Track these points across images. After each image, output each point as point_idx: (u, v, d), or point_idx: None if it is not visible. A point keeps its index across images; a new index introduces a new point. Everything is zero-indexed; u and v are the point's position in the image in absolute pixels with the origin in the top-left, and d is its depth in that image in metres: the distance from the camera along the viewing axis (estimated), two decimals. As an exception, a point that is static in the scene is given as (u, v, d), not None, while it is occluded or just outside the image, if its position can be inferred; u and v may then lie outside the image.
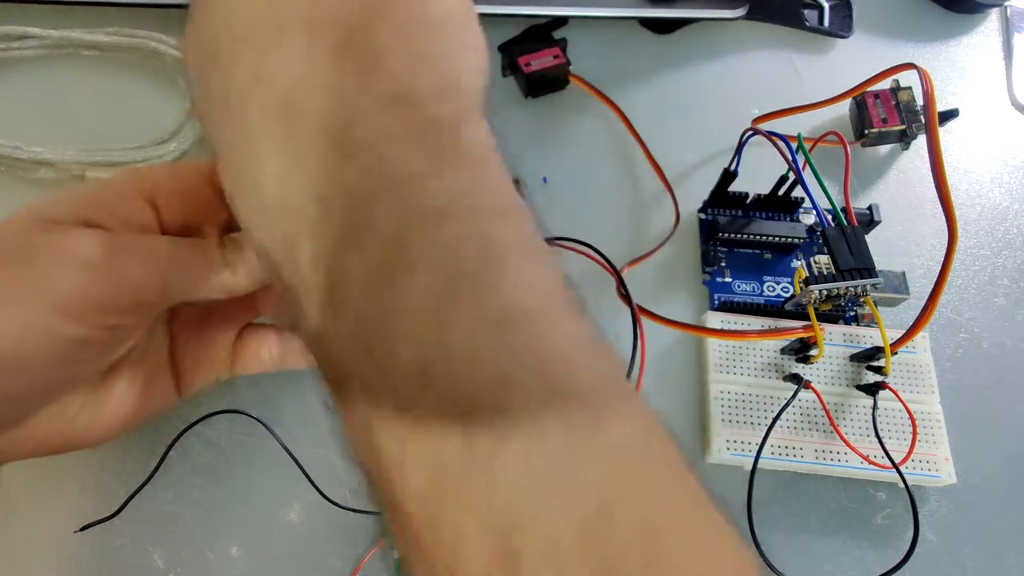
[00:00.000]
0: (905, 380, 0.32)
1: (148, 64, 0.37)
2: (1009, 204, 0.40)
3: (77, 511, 0.27)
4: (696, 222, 0.36)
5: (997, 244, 0.38)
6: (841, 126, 0.40)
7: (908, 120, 0.38)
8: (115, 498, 0.28)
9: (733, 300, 0.34)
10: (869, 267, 0.29)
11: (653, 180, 0.37)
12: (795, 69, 0.42)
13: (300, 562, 0.28)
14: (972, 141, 0.41)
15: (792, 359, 0.32)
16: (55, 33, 0.36)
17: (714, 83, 0.41)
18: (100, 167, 0.33)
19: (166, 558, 0.27)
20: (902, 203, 0.39)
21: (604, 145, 0.38)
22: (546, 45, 0.38)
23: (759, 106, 0.39)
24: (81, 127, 0.35)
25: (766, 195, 0.35)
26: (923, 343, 0.33)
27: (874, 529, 0.31)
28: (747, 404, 0.31)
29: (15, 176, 0.33)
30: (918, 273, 0.36)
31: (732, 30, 0.42)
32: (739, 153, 0.34)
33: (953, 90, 0.43)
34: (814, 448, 0.31)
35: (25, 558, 0.27)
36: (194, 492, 0.28)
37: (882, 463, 0.30)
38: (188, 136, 0.34)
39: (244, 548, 0.28)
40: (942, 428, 0.31)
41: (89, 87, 0.36)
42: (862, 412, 0.31)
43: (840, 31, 0.43)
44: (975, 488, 0.32)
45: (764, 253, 0.35)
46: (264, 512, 0.28)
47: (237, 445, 0.29)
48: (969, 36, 0.45)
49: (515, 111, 0.39)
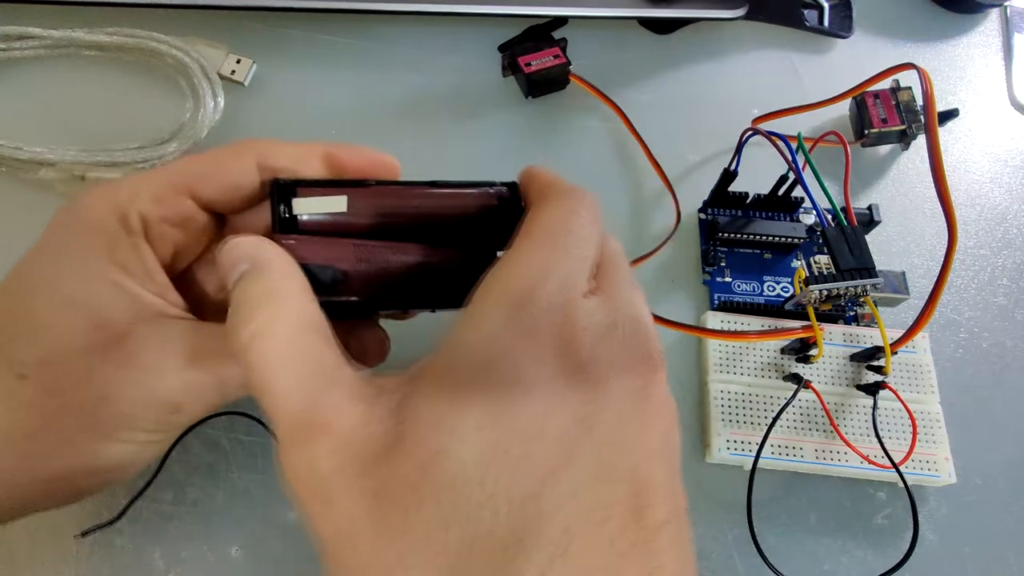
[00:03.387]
0: (905, 380, 0.32)
1: (148, 64, 0.37)
2: (1009, 204, 0.40)
3: (77, 513, 0.27)
4: (696, 222, 0.36)
5: (997, 244, 0.38)
6: (841, 126, 0.40)
7: (908, 120, 0.38)
8: (115, 498, 0.28)
9: (733, 300, 0.34)
10: (869, 267, 0.29)
11: (653, 180, 0.37)
12: (795, 69, 0.42)
13: (300, 562, 0.28)
14: (972, 141, 0.41)
15: (792, 359, 0.32)
16: (55, 33, 0.36)
17: (714, 83, 0.41)
18: (101, 167, 0.33)
19: (166, 558, 0.27)
20: (902, 203, 0.39)
21: (604, 145, 0.38)
22: (546, 45, 0.38)
23: (759, 106, 0.39)
24: (81, 127, 0.35)
25: (766, 195, 0.35)
26: (923, 343, 0.33)
27: (874, 529, 0.31)
28: (747, 404, 0.31)
29: (16, 176, 0.33)
30: (918, 273, 0.36)
31: (732, 30, 0.42)
32: (739, 153, 0.34)
33: (953, 90, 0.43)
34: (814, 448, 0.31)
35: (24, 559, 0.27)
36: (194, 492, 0.29)
37: (882, 463, 0.30)
38: (188, 136, 0.34)
39: (244, 548, 0.28)
40: (942, 428, 0.31)
41: (89, 87, 0.36)
42: (862, 412, 0.31)
43: (840, 31, 0.43)
44: (975, 488, 0.32)
45: (764, 253, 0.35)
46: (264, 512, 0.28)
47: (237, 445, 0.29)
48: (969, 36, 0.45)
49: (515, 111, 0.39)
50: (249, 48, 0.37)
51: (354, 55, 0.39)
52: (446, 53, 0.40)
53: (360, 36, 0.40)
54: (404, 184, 0.23)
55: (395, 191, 0.23)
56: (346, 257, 0.22)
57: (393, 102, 0.38)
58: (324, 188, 0.22)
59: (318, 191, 0.22)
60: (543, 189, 0.22)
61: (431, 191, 0.23)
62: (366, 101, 0.38)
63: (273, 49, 0.38)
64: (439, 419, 0.17)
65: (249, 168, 0.23)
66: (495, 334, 0.18)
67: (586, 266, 0.20)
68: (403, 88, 0.39)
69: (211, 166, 0.23)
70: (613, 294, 0.20)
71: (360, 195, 0.22)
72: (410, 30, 0.40)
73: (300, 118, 0.37)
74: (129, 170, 0.33)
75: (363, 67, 0.39)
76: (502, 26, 0.39)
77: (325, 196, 0.22)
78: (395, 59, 0.39)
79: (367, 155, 0.23)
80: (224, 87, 0.36)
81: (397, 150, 0.37)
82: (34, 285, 0.21)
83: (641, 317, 0.20)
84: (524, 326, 0.18)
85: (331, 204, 0.22)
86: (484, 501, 0.16)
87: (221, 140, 0.36)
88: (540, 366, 0.18)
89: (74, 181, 0.33)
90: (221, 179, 0.23)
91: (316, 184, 0.22)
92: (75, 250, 0.22)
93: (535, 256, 0.19)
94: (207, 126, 0.35)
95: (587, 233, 0.21)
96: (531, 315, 0.18)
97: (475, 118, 0.38)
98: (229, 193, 0.23)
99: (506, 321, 0.18)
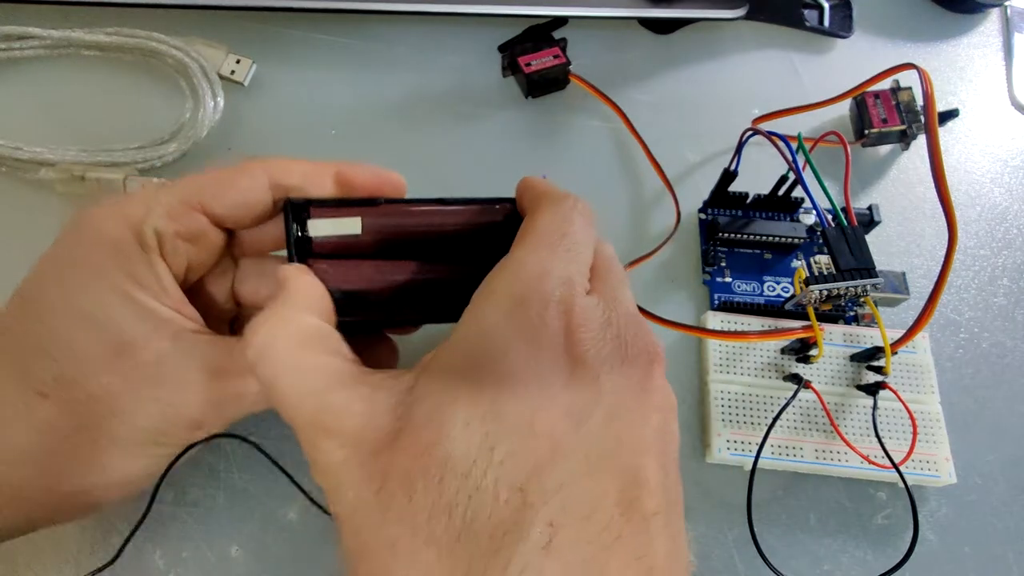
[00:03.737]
0: (905, 380, 0.32)
1: (148, 64, 0.37)
2: (1009, 204, 0.40)
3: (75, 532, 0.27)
4: (696, 222, 0.36)
5: (997, 244, 0.38)
6: (841, 126, 0.40)
7: (908, 120, 0.38)
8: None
9: (733, 300, 0.34)
10: (869, 267, 0.29)
11: (653, 180, 0.37)
12: (795, 69, 0.42)
13: (300, 562, 0.28)
14: (972, 141, 0.41)
15: (792, 359, 0.32)
16: (55, 33, 0.36)
17: (714, 83, 0.41)
18: (100, 167, 0.33)
19: (166, 558, 0.27)
20: (902, 203, 0.39)
21: (604, 145, 0.38)
22: (546, 45, 0.38)
23: (759, 106, 0.39)
24: (81, 127, 0.35)
25: (766, 195, 0.35)
26: (923, 343, 0.33)
27: (874, 529, 0.31)
28: (747, 404, 0.31)
29: (16, 176, 0.33)
30: (918, 273, 0.36)
31: (732, 30, 0.42)
32: (739, 153, 0.34)
33: (953, 90, 0.43)
34: (814, 448, 0.31)
35: (25, 560, 0.27)
36: (194, 492, 0.29)
37: (882, 463, 0.30)
38: (188, 136, 0.34)
39: (244, 548, 0.28)
40: (942, 428, 0.31)
41: (89, 87, 0.36)
42: (862, 412, 0.31)
43: (840, 31, 0.43)
44: (975, 488, 0.32)
45: (764, 253, 0.35)
46: (264, 512, 0.28)
47: (237, 445, 0.29)
48: (969, 36, 0.45)
49: (515, 111, 0.39)
50: (249, 48, 0.37)
51: (354, 55, 0.39)
52: (446, 53, 0.40)
53: (360, 36, 0.40)
54: (412, 202, 0.24)
55: (403, 209, 0.24)
56: (369, 279, 0.23)
57: (393, 102, 0.38)
58: (335, 208, 0.23)
59: (330, 211, 0.23)
60: (538, 197, 0.23)
61: (438, 208, 0.24)
62: (366, 101, 0.38)
63: (273, 49, 0.38)
64: (433, 413, 0.18)
65: (261, 186, 0.23)
66: (493, 330, 0.19)
67: (583, 268, 0.21)
68: (403, 88, 0.39)
69: (223, 183, 0.23)
70: (608, 294, 0.21)
71: (371, 214, 0.23)
72: (410, 30, 0.40)
73: (300, 118, 0.37)
74: (129, 170, 0.33)
75: (363, 67, 0.39)
76: (502, 26, 0.39)
77: (339, 218, 0.23)
78: (395, 59, 0.39)
79: (375, 173, 0.24)
80: (224, 87, 0.36)
81: (397, 150, 0.37)
82: (51, 302, 0.22)
83: (637, 315, 0.21)
84: (522, 322, 0.19)
85: (346, 226, 0.23)
86: (472, 493, 0.17)
87: (221, 140, 0.36)
88: (536, 362, 0.18)
89: (74, 181, 0.33)
90: (233, 196, 0.23)
91: (327, 204, 0.23)
92: (91, 267, 0.22)
93: (533, 257, 0.20)
94: (207, 126, 0.35)
95: (582, 237, 0.21)
96: (529, 312, 0.19)
97: (475, 118, 0.38)
98: (241, 210, 0.23)
99: (505, 318, 0.19)
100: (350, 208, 0.23)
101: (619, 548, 0.17)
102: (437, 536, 0.17)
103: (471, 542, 0.17)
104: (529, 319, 0.19)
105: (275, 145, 0.36)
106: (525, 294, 0.19)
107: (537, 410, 0.18)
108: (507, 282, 0.20)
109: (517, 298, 0.19)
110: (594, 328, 0.19)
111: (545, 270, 0.20)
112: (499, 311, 0.19)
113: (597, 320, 0.19)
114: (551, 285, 0.19)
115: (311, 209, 0.23)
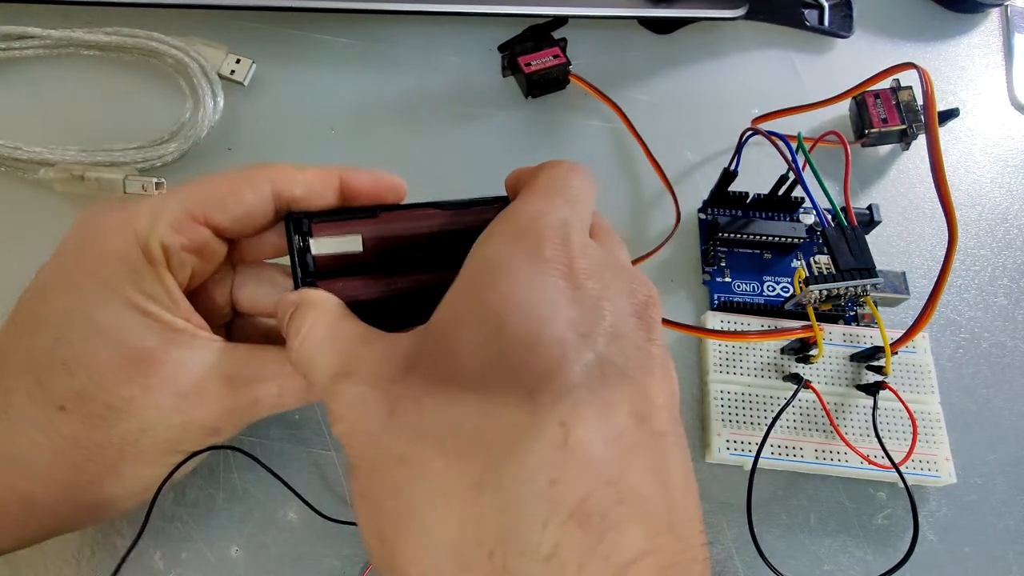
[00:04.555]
0: (905, 380, 0.32)
1: (148, 64, 0.37)
2: (1009, 204, 0.40)
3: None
4: (696, 222, 0.36)
5: (997, 244, 0.38)
6: (841, 126, 0.40)
7: (908, 120, 0.38)
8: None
9: (733, 300, 0.34)
10: (869, 267, 0.29)
11: (653, 180, 0.37)
12: (795, 69, 0.42)
13: (300, 562, 0.28)
14: (972, 141, 0.41)
15: (792, 359, 0.32)
16: (55, 33, 0.36)
17: (714, 83, 0.41)
18: (100, 167, 0.33)
19: (166, 558, 0.27)
20: (902, 203, 0.39)
21: (604, 145, 0.38)
22: (546, 45, 0.38)
23: (759, 106, 0.39)
24: (81, 127, 0.35)
25: (766, 195, 0.35)
26: (923, 343, 0.33)
27: (874, 529, 0.31)
28: (747, 404, 0.31)
29: (15, 176, 0.33)
30: (918, 273, 0.36)
31: (732, 30, 0.42)
32: (739, 153, 0.34)
33: (953, 90, 0.43)
34: (814, 448, 0.31)
35: (25, 560, 0.27)
36: (194, 492, 0.29)
37: (882, 463, 0.30)
38: (188, 136, 0.34)
39: (244, 548, 0.28)
40: (942, 428, 0.31)
41: (89, 87, 0.36)
42: (862, 412, 0.31)
43: (840, 31, 0.43)
44: (975, 488, 0.32)
45: (764, 253, 0.35)
46: (264, 512, 0.29)
47: (237, 446, 0.29)
48: (969, 36, 0.45)
49: (515, 111, 0.39)
50: (249, 48, 0.37)
51: (354, 55, 0.39)
52: (446, 53, 0.40)
53: (360, 36, 0.40)
54: (409, 207, 0.24)
55: (402, 216, 0.24)
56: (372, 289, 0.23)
57: (393, 102, 0.38)
58: (336, 223, 0.23)
59: (331, 226, 0.23)
60: (533, 169, 0.23)
61: (436, 212, 0.24)
62: (366, 101, 0.38)
63: (273, 49, 0.38)
64: (441, 338, 0.19)
65: (264, 197, 0.23)
66: (494, 256, 0.19)
67: (583, 216, 0.21)
68: (403, 88, 0.39)
69: (228, 195, 0.23)
70: (607, 247, 0.21)
71: (370, 225, 0.24)
72: (410, 30, 0.40)
73: (300, 118, 0.37)
74: (129, 170, 0.33)
75: (363, 67, 0.39)
76: (502, 26, 0.39)
77: (341, 236, 0.23)
78: (395, 59, 0.39)
79: (376, 179, 0.24)
80: (224, 87, 0.36)
81: (397, 150, 0.37)
82: (62, 317, 0.22)
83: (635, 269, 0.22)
84: (522, 250, 0.19)
85: (347, 244, 0.23)
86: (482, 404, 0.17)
87: (221, 140, 0.36)
88: (539, 280, 0.18)
89: (74, 181, 0.33)
90: (236, 208, 0.23)
91: (327, 215, 0.23)
92: (101, 282, 0.22)
93: (537, 199, 0.21)
94: (207, 126, 0.35)
95: (580, 191, 0.22)
96: (528, 241, 0.19)
97: (475, 118, 0.38)
98: (243, 221, 0.23)
99: (506, 246, 0.19)
100: (350, 222, 0.23)
101: (637, 456, 0.17)
102: (447, 446, 0.17)
103: (482, 449, 0.17)
104: (529, 247, 0.19)
105: (275, 145, 0.36)
106: (524, 229, 0.19)
107: (543, 321, 0.18)
108: (505, 223, 0.20)
109: (516, 233, 0.19)
110: (594, 262, 0.19)
111: (542, 211, 0.20)
112: (499, 243, 0.20)
113: (597, 257, 0.20)
114: (549, 222, 0.20)
115: (313, 225, 0.23)
